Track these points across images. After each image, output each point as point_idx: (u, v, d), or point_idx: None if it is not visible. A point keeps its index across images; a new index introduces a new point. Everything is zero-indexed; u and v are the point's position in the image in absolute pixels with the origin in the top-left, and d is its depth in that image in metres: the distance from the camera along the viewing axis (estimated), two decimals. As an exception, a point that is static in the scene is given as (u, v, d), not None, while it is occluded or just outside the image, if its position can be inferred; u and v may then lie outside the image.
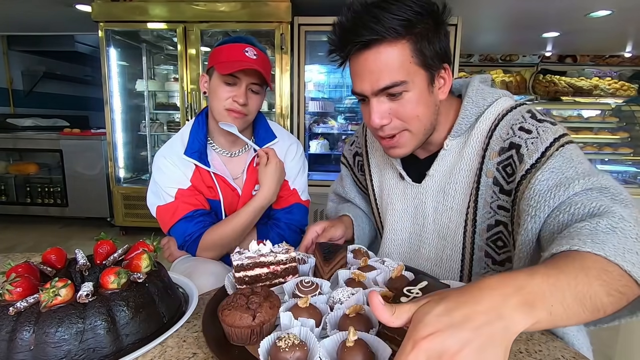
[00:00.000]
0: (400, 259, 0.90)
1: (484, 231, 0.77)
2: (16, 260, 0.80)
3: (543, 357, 0.55)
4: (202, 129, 1.10)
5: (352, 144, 1.07)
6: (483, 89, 0.79)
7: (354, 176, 1.08)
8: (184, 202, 1.05)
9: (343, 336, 0.49)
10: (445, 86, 0.74)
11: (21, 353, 0.49)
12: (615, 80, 4.68)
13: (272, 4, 2.96)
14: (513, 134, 0.71)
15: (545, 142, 0.66)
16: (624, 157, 3.63)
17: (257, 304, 0.55)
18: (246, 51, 0.99)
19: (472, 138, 0.77)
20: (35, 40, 4.45)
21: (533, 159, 0.66)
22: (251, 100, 1.03)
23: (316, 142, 3.58)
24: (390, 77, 0.68)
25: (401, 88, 0.69)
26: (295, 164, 1.18)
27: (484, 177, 0.74)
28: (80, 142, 3.61)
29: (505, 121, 0.73)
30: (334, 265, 0.73)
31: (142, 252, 0.63)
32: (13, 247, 3.19)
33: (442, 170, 0.81)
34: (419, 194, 0.85)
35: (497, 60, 4.96)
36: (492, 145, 0.73)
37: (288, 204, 1.15)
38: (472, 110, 0.77)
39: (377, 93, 0.70)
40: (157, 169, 1.08)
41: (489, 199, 0.75)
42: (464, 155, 0.78)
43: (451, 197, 0.80)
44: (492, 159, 0.73)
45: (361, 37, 0.66)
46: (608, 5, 2.99)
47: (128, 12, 3.08)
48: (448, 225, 0.81)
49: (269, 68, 1.05)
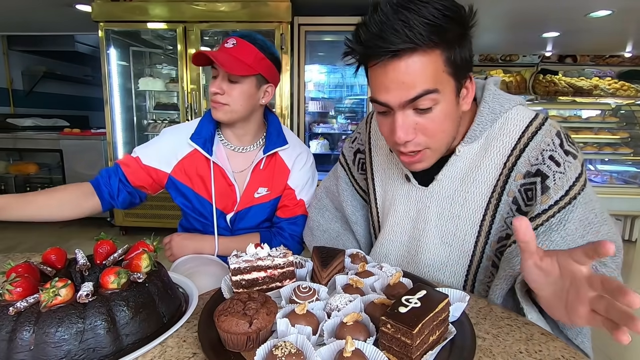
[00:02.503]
0: (397, 261, 0.89)
1: (495, 243, 0.77)
2: (16, 260, 0.80)
3: (543, 357, 0.55)
4: (214, 119, 1.11)
5: (353, 141, 1.02)
6: (500, 94, 0.77)
7: (351, 177, 1.03)
8: (132, 168, 1.08)
9: (340, 345, 0.49)
10: (468, 96, 0.71)
11: (21, 353, 0.48)
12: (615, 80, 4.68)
13: (272, 4, 2.96)
14: (542, 161, 0.70)
15: (569, 181, 0.69)
16: (624, 157, 3.63)
17: (254, 310, 0.55)
18: (226, 42, 1.02)
19: (492, 150, 0.75)
20: (35, 40, 4.45)
21: (558, 195, 0.68)
22: (230, 90, 1.02)
23: (316, 142, 3.59)
24: (423, 85, 0.63)
25: (432, 97, 0.64)
26: (304, 174, 1.16)
27: (505, 196, 0.74)
28: (80, 142, 3.61)
29: (535, 143, 0.71)
30: (332, 270, 0.72)
31: (142, 252, 0.63)
32: (13, 247, 3.19)
33: (451, 176, 0.79)
34: (424, 198, 0.83)
35: (497, 60, 4.95)
36: (519, 167, 0.72)
37: (293, 215, 1.14)
38: (488, 116, 0.75)
39: (405, 105, 0.66)
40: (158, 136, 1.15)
41: (505, 214, 0.75)
42: (482, 165, 0.75)
43: (459, 205, 0.78)
44: (517, 180, 0.73)
45: (392, 45, 0.61)
46: (608, 5, 2.99)
47: (128, 12, 3.08)
48: (455, 233, 0.79)
49: (249, 54, 1.02)
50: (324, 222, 1.06)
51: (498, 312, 0.69)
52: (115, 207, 1.09)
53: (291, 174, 1.14)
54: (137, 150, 1.11)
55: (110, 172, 1.08)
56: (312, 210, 1.10)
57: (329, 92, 3.72)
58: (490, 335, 0.61)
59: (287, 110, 3.14)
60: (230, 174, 1.09)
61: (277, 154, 1.14)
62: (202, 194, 1.10)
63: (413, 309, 0.51)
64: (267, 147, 1.11)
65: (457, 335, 0.56)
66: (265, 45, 1.05)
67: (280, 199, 1.15)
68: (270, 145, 1.12)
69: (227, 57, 0.99)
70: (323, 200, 1.09)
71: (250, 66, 1.01)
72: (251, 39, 1.03)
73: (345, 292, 0.64)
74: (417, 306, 0.51)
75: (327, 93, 3.71)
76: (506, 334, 0.61)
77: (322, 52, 3.56)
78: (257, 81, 1.05)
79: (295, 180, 1.14)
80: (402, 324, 0.49)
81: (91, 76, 5.42)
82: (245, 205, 1.12)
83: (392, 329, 0.50)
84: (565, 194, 0.68)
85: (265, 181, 1.12)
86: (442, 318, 0.54)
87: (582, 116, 3.93)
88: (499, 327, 0.63)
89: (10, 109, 4.58)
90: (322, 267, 0.71)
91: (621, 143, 3.66)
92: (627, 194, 3.37)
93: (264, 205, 1.13)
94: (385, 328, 0.51)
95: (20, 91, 4.69)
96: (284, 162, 1.14)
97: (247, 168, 1.12)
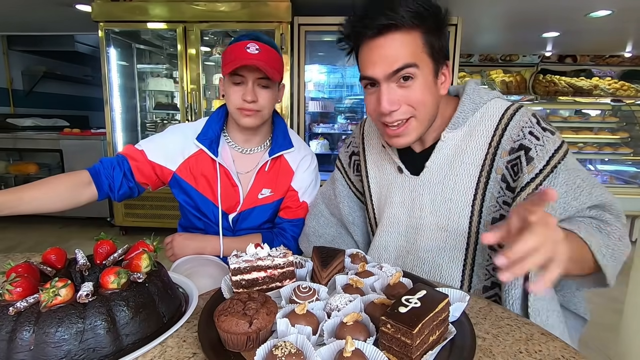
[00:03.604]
0: (396, 251, 0.91)
1: (489, 223, 0.81)
2: (16, 260, 0.80)
3: (543, 357, 0.55)
4: (220, 120, 1.11)
5: (348, 145, 1.07)
6: (479, 89, 0.85)
7: (347, 179, 1.06)
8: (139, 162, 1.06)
9: (340, 345, 0.49)
10: (446, 82, 0.80)
11: (21, 353, 0.49)
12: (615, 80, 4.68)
13: (272, 4, 2.96)
14: (523, 136, 0.76)
15: (548, 152, 0.75)
16: (624, 157, 3.63)
17: (254, 310, 0.55)
18: (247, 47, 0.99)
19: (476, 133, 0.81)
20: (35, 40, 4.45)
21: (541, 165, 0.74)
22: (261, 95, 1.02)
23: (316, 142, 3.58)
24: (404, 59, 0.72)
25: (413, 70, 0.73)
26: (307, 176, 1.17)
27: (493, 174, 0.79)
28: (80, 142, 3.61)
29: (515, 122, 0.78)
30: (332, 270, 0.72)
31: (142, 252, 0.63)
32: (13, 247, 3.19)
33: (439, 162, 0.84)
34: (417, 187, 0.87)
35: (497, 60, 4.96)
36: (504, 145, 0.78)
37: (296, 217, 1.14)
38: (470, 105, 0.83)
39: (389, 77, 0.73)
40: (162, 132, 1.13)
41: (496, 194, 0.80)
42: (467, 149, 0.81)
43: (450, 188, 0.83)
44: (503, 157, 0.78)
45: (378, 22, 0.71)
46: (608, 5, 2.99)
47: (128, 12, 3.08)
48: (448, 217, 0.83)
49: (276, 61, 1.03)
50: (319, 228, 1.09)
51: (498, 312, 0.69)
52: (112, 199, 1.06)
53: (295, 175, 1.15)
54: (142, 144, 1.09)
55: (114, 163, 1.05)
56: (308, 217, 1.13)
57: (329, 92, 3.72)
58: (490, 335, 0.61)
59: (287, 110, 3.14)
60: (234, 174, 1.10)
61: (282, 156, 1.14)
62: (206, 194, 1.11)
63: (413, 309, 0.51)
64: (272, 150, 1.12)
65: (457, 335, 0.56)
66: (277, 47, 1.06)
67: (282, 200, 1.16)
68: (276, 147, 1.12)
69: (264, 64, 0.98)
70: (319, 206, 1.12)
71: (279, 71, 1.03)
72: (269, 43, 1.03)
73: (345, 292, 0.64)
74: (417, 306, 0.51)
75: (327, 93, 3.71)
76: (506, 334, 0.61)
77: (322, 52, 3.56)
78: (278, 83, 1.08)
79: (298, 182, 1.14)
80: (402, 324, 0.49)
81: (91, 76, 5.42)
82: (249, 205, 1.12)
83: (392, 329, 0.50)
84: (546, 164, 0.74)
85: (269, 182, 1.13)
86: (442, 318, 0.54)
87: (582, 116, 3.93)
88: (499, 327, 0.63)
89: (10, 109, 4.58)
90: (322, 267, 0.71)
91: (621, 143, 3.66)
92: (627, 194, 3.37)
93: (267, 207, 1.14)
94: (385, 328, 0.51)
95: (20, 91, 4.68)
96: (289, 164, 1.14)
97: (252, 169, 1.12)
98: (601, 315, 0.91)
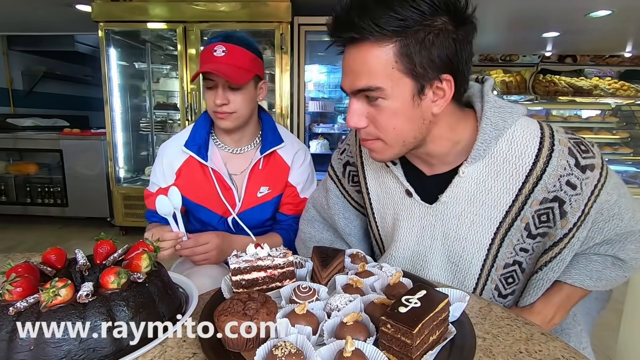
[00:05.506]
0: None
1: (501, 268, 0.78)
2: (16, 260, 0.80)
3: (543, 357, 0.55)
4: (207, 125, 1.11)
5: (342, 152, 0.97)
6: (501, 105, 0.72)
7: (342, 189, 0.98)
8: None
9: (340, 345, 0.49)
10: (442, 99, 0.66)
11: (21, 353, 0.49)
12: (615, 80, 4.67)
13: (272, 4, 2.96)
14: (560, 188, 0.68)
15: (585, 199, 0.69)
16: (624, 157, 3.63)
17: (254, 310, 0.55)
18: (215, 50, 0.98)
19: (503, 173, 0.71)
20: (35, 40, 4.45)
21: (575, 217, 0.70)
22: (233, 98, 1.01)
23: (316, 142, 3.59)
24: (367, 80, 0.63)
25: (376, 94, 0.64)
26: (304, 171, 1.17)
27: (518, 222, 0.72)
28: (80, 142, 3.61)
29: (552, 168, 0.68)
30: (332, 270, 0.72)
31: (142, 252, 0.63)
32: (13, 247, 3.18)
33: (457, 197, 0.75)
34: (428, 216, 0.79)
35: (497, 60, 4.95)
36: (536, 194, 0.70)
37: (300, 212, 1.13)
38: (492, 133, 0.70)
39: (355, 93, 0.67)
40: (157, 157, 1.15)
41: (515, 241, 0.75)
42: (492, 189, 0.72)
43: (467, 227, 0.75)
44: (532, 207, 0.71)
45: (343, 33, 0.63)
46: (608, 5, 2.99)
47: (128, 12, 3.08)
48: (461, 255, 0.78)
49: (246, 60, 1.01)
50: (315, 233, 1.05)
51: (498, 312, 0.69)
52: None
53: (291, 171, 1.15)
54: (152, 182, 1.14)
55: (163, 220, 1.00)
56: (302, 223, 1.08)
57: (329, 92, 3.72)
58: (490, 335, 0.61)
59: (287, 110, 3.14)
60: (227, 177, 1.10)
61: (276, 152, 1.14)
62: (200, 202, 1.10)
63: (413, 309, 0.51)
64: (263, 147, 1.12)
65: (457, 335, 0.56)
66: (251, 43, 1.04)
67: (281, 196, 1.16)
68: (266, 145, 1.12)
69: (226, 68, 0.97)
70: (310, 212, 1.07)
71: (248, 70, 1.01)
72: (239, 42, 1.01)
73: (345, 292, 0.64)
74: (417, 306, 0.51)
75: (327, 93, 3.71)
76: (506, 334, 0.61)
77: (322, 52, 3.56)
78: (254, 81, 1.06)
79: (296, 178, 1.15)
80: (402, 324, 0.49)
81: (91, 76, 5.41)
82: (250, 205, 1.12)
83: (392, 329, 0.50)
84: (582, 214, 0.70)
85: (265, 180, 1.13)
86: (442, 318, 0.54)
87: (582, 116, 3.93)
88: (499, 327, 0.63)
89: (10, 109, 4.58)
90: (322, 267, 0.71)
91: (621, 143, 3.66)
92: (627, 194, 3.37)
93: (268, 204, 1.14)
94: (385, 328, 0.51)
95: (20, 91, 4.68)
96: (283, 159, 1.15)
97: (245, 169, 1.12)
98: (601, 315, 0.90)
